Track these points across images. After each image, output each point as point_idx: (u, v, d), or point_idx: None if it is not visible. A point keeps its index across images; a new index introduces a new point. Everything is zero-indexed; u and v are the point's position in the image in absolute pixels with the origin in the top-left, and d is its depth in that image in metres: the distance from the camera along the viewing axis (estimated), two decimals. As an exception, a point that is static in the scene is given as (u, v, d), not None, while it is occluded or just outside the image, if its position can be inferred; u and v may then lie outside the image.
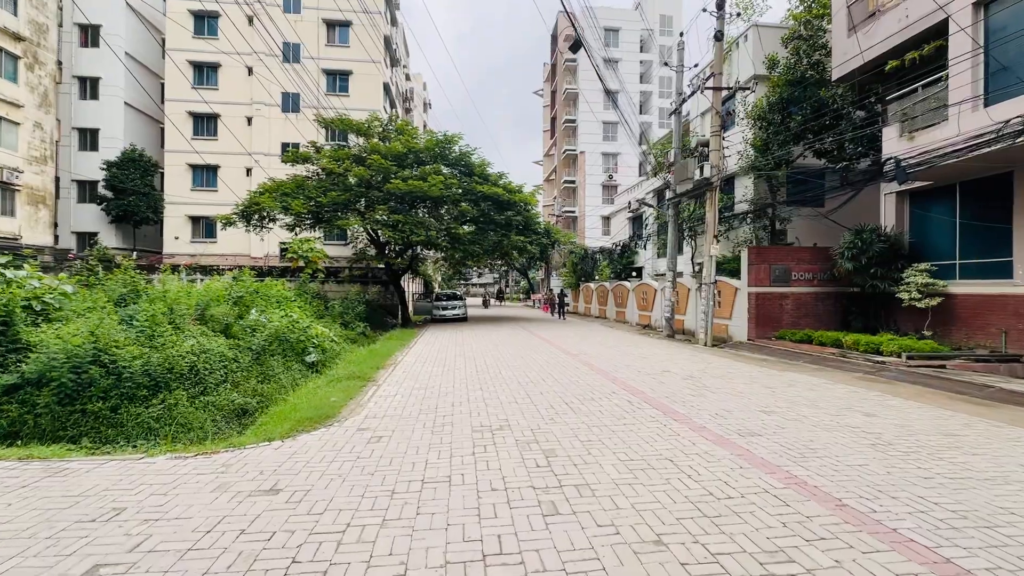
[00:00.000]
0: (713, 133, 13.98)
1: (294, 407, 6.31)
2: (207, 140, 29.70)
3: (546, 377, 8.26)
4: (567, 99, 48.97)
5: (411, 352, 11.95)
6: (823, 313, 14.24)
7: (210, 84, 29.79)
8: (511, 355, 11.18)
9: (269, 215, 20.97)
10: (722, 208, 16.93)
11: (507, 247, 22.21)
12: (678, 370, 9.03)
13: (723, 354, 12.04)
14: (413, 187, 18.53)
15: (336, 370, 9.22)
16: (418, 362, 10.20)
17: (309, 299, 16.08)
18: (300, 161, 21.09)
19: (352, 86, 30.39)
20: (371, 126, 21.42)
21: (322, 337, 11.91)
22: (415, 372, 8.94)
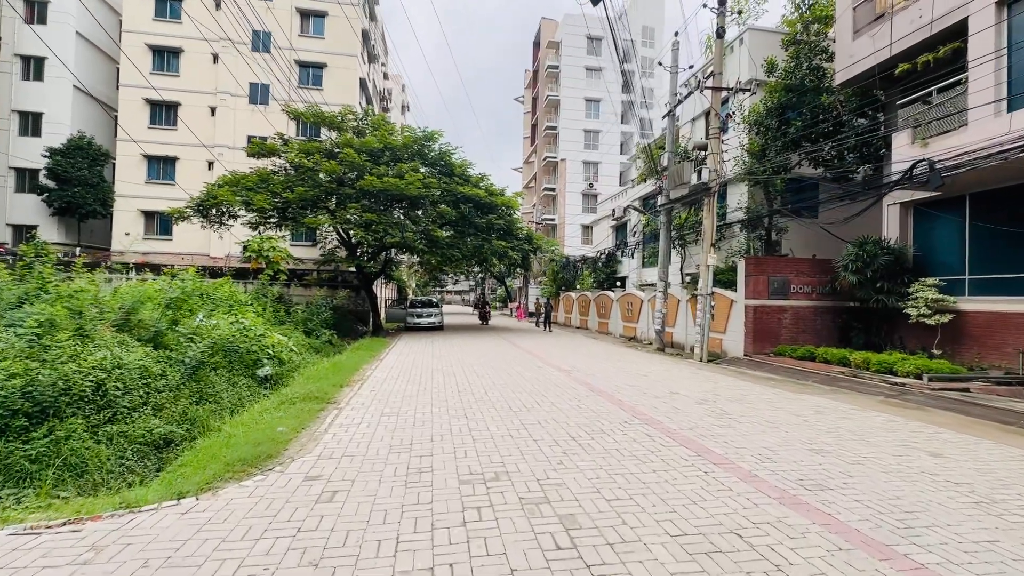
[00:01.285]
0: (712, 136, 13.20)
1: (228, 441, 4.93)
2: (165, 130, 27.58)
3: (541, 400, 7.07)
4: (548, 105, 48.39)
5: (382, 365, 10.59)
6: (822, 328, 13.54)
7: (171, 70, 27.75)
8: (496, 370, 9.95)
9: (229, 211, 19.23)
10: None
11: (487, 252, 21.02)
12: (687, 392, 7.98)
13: (724, 371, 11.10)
14: (389, 185, 17.19)
15: (292, 387, 7.81)
16: (389, 378, 8.86)
17: (268, 303, 14.49)
18: (266, 154, 19.45)
19: (327, 80, 28.82)
20: (344, 119, 20.00)
21: (279, 347, 10.46)
22: (385, 392, 7.62)
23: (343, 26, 29.16)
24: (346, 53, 29.06)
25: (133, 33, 27.00)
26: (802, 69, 13.95)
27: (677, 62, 15.50)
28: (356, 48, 29.61)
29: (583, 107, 46.88)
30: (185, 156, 27.33)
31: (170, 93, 27.48)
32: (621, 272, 25.59)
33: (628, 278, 24.84)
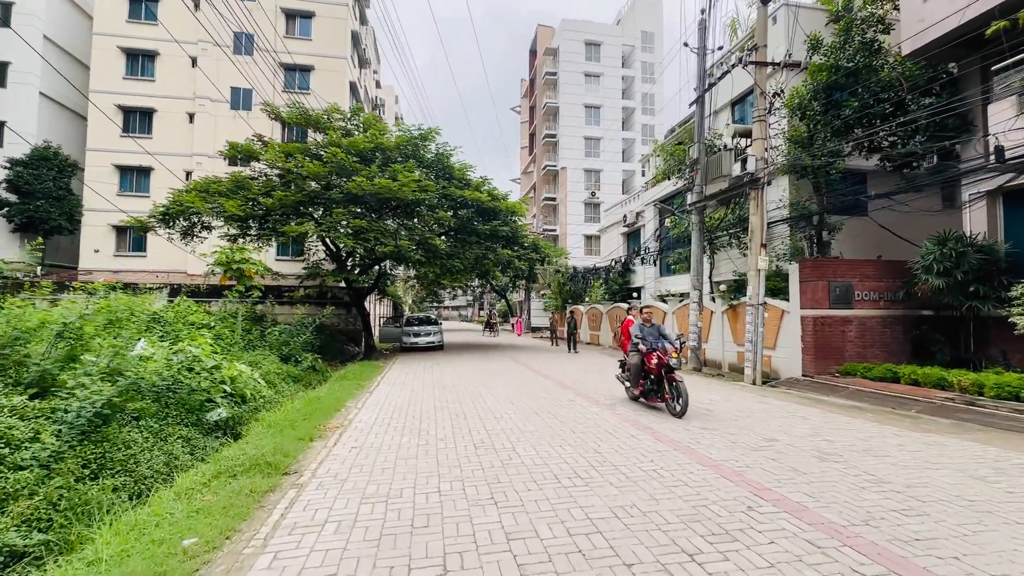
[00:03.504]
0: (757, 118, 11.29)
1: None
2: (140, 138, 25.55)
3: (596, 459, 4.91)
4: (547, 113, 46.88)
5: (371, 401, 8.40)
6: (892, 342, 11.50)
7: (146, 75, 25.87)
8: (516, 406, 7.78)
9: (201, 221, 17.14)
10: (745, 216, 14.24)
11: (490, 263, 18.96)
12: (784, 436, 5.85)
13: (794, 399, 8.99)
14: (380, 188, 15.16)
15: (242, 444, 5.64)
16: (378, 423, 6.68)
17: (238, 325, 12.30)
18: (244, 157, 17.45)
19: (315, 83, 26.99)
20: (331, 118, 18.05)
21: (241, 381, 8.27)
22: (371, 450, 5.45)
23: (331, 27, 27.52)
24: (334, 55, 27.34)
25: (105, 36, 25.16)
26: (853, 44, 12.12)
27: (705, 42, 13.67)
28: (345, 50, 27.90)
29: (582, 114, 45.35)
30: (161, 166, 25.26)
31: (145, 99, 25.61)
32: (635, 282, 23.55)
33: (644, 288, 22.78)
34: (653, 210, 21.48)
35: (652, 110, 47.12)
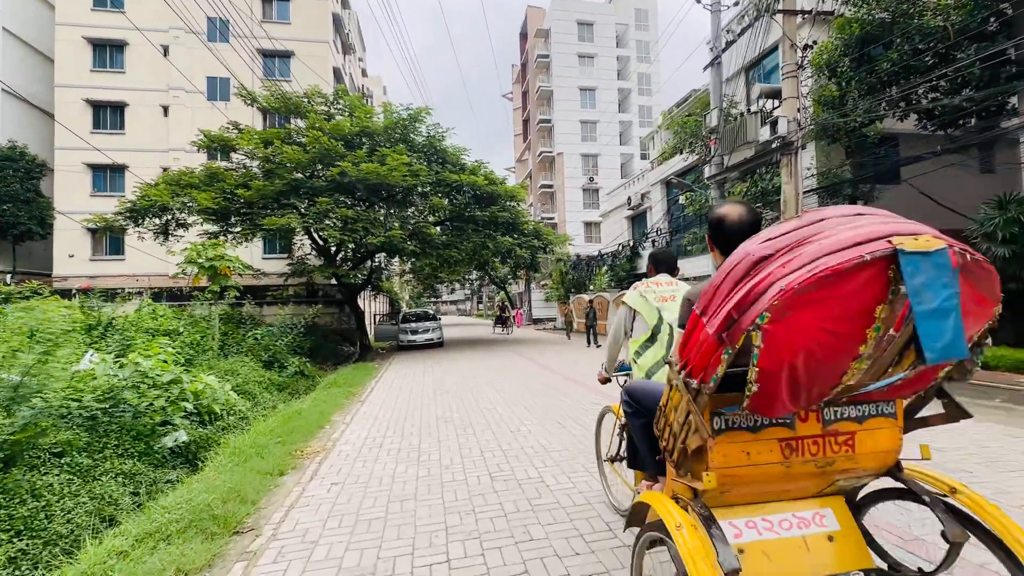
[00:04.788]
0: (788, 75, 10.01)
1: None
2: (112, 134, 24.13)
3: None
4: (540, 97, 45.38)
5: (361, 413, 7.17)
6: (943, 320, 10.31)
7: (115, 67, 24.35)
8: (540, 418, 6.57)
9: (176, 217, 15.81)
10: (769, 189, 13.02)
11: (489, 253, 17.70)
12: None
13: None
14: (368, 173, 13.85)
15: (190, 486, 4.41)
16: (368, 446, 5.45)
17: (213, 328, 11.03)
18: (220, 147, 16.10)
19: (296, 70, 25.46)
20: (312, 101, 16.67)
21: (208, 395, 7.04)
22: (356, 486, 4.23)
23: (311, 9, 25.99)
24: (316, 39, 25.84)
25: (69, 26, 23.59)
26: (890, -12, 10.81)
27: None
28: (327, 34, 26.39)
29: (577, 97, 43.87)
30: (136, 163, 23.80)
31: (115, 92, 24.12)
32: (642, 268, 22.33)
33: (652, 274, 21.57)
34: (661, 189, 20.21)
35: (649, 91, 45.65)
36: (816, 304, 1.19)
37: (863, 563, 1.60)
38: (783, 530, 1.61)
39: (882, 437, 1.60)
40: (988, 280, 1.28)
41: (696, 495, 1.58)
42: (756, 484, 1.59)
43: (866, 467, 1.62)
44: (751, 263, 1.30)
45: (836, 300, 1.19)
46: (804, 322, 1.21)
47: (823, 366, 1.30)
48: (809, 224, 1.32)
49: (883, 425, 1.60)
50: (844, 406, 1.58)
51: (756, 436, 1.53)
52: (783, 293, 1.16)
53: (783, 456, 1.54)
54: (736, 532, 1.57)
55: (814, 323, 1.22)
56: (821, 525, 1.63)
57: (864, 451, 1.59)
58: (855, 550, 1.62)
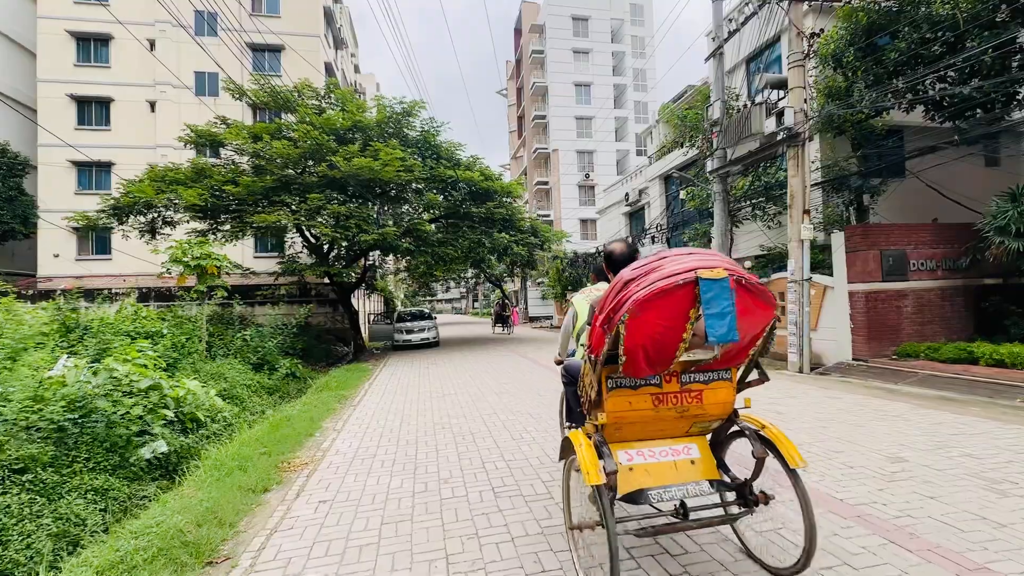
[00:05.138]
0: (794, 64, 9.69)
1: None
2: (97, 131, 23.54)
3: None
4: (535, 93, 44.96)
5: (352, 421, 6.79)
6: (952, 316, 10.09)
7: (100, 61, 23.73)
8: (546, 425, 6.22)
9: (162, 215, 15.33)
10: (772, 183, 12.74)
11: (486, 250, 17.31)
12: (907, 451, 4.34)
13: (862, 389, 7.52)
14: (360, 169, 13.43)
15: (164, 505, 4.03)
16: (360, 457, 5.09)
17: (200, 329, 10.60)
18: (209, 143, 15.62)
19: (286, 65, 24.96)
20: (303, 95, 16.20)
21: (190, 401, 6.65)
22: (346, 505, 3.88)
23: (302, 2, 25.48)
24: (307, 34, 25.32)
25: (51, 19, 22.95)
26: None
27: (722, -14, 12.00)
28: (318, 28, 25.87)
29: (572, 92, 43.52)
30: (122, 160, 23.25)
31: (100, 88, 23.52)
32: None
33: (651, 271, 21.27)
34: (659, 185, 19.90)
35: (644, 86, 45.35)
36: (655, 309, 2.00)
37: (711, 476, 2.50)
38: (661, 456, 2.50)
39: (721, 393, 2.48)
40: (763, 294, 2.11)
41: (598, 430, 2.41)
42: (637, 424, 2.46)
43: (711, 414, 2.50)
44: (622, 283, 2.11)
45: (666, 306, 2.01)
46: (649, 319, 2.04)
47: (663, 346, 2.15)
48: (656, 259, 2.15)
49: (722, 386, 2.49)
50: (695, 373, 2.44)
51: (635, 392, 2.39)
52: (636, 302, 1.97)
53: (653, 405, 2.41)
54: (629, 457, 2.45)
55: (655, 320, 2.05)
56: (687, 454, 2.54)
57: (709, 402, 2.47)
58: (708, 468, 2.53)
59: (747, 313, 2.11)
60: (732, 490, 2.50)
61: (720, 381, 2.49)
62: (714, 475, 2.52)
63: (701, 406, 2.47)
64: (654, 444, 2.55)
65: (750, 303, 2.12)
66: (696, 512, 2.55)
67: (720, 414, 2.53)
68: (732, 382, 2.52)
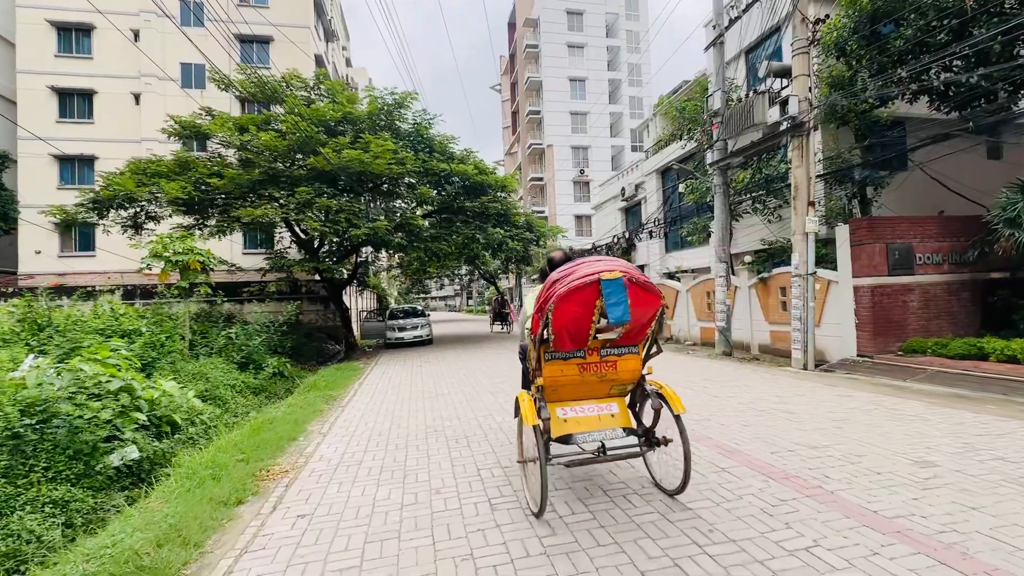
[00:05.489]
0: (798, 51, 9.38)
1: None
2: (80, 124, 22.89)
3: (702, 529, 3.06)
4: (530, 88, 44.54)
5: (340, 423, 6.41)
6: (959, 311, 9.86)
7: (82, 52, 23.04)
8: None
9: (145, 209, 14.83)
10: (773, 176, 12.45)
11: (480, 245, 16.93)
12: (935, 455, 4.04)
13: (871, 386, 7.24)
14: (350, 161, 13.01)
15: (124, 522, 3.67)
16: (345, 464, 4.72)
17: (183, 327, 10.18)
18: (195, 136, 15.12)
19: (275, 56, 24.36)
20: (291, 84, 15.72)
21: (166, 403, 6.26)
22: (327, 521, 3.52)
23: (290, -8, 24.84)
24: (296, 24, 24.72)
25: (30, 8, 22.23)
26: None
27: (722, -28, 11.67)
28: (308, 19, 25.31)
29: (567, 87, 43.13)
30: (106, 154, 22.59)
31: (83, 79, 22.86)
32: (638, 260, 21.73)
33: (647, 267, 21.00)
34: (656, 179, 19.59)
35: (639, 81, 45.03)
36: (572, 300, 2.93)
37: (626, 424, 3.36)
38: (588, 411, 3.35)
39: (631, 363, 3.39)
40: (651, 288, 3.04)
41: (539, 391, 3.23)
42: (568, 387, 3.33)
43: (624, 379, 3.40)
44: (551, 283, 3.04)
45: (580, 299, 2.93)
46: (569, 308, 2.96)
47: (579, 327, 3.08)
48: (574, 266, 3.06)
49: (631, 357, 3.39)
50: (610, 348, 3.32)
51: (566, 362, 3.27)
52: (559, 296, 2.91)
53: (579, 372, 3.29)
54: (564, 412, 3.31)
55: (573, 309, 2.97)
56: (609, 410, 3.39)
57: (622, 370, 3.37)
58: (624, 420, 3.39)
59: (639, 303, 3.02)
60: (641, 435, 3.44)
61: (629, 354, 3.43)
62: (628, 424, 3.42)
63: (616, 373, 3.40)
64: (584, 403, 3.44)
65: (641, 295, 3.03)
66: (613, 451, 3.39)
67: (631, 379, 3.48)
68: (639, 355, 3.48)
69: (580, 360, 3.29)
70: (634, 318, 3.02)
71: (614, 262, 3.09)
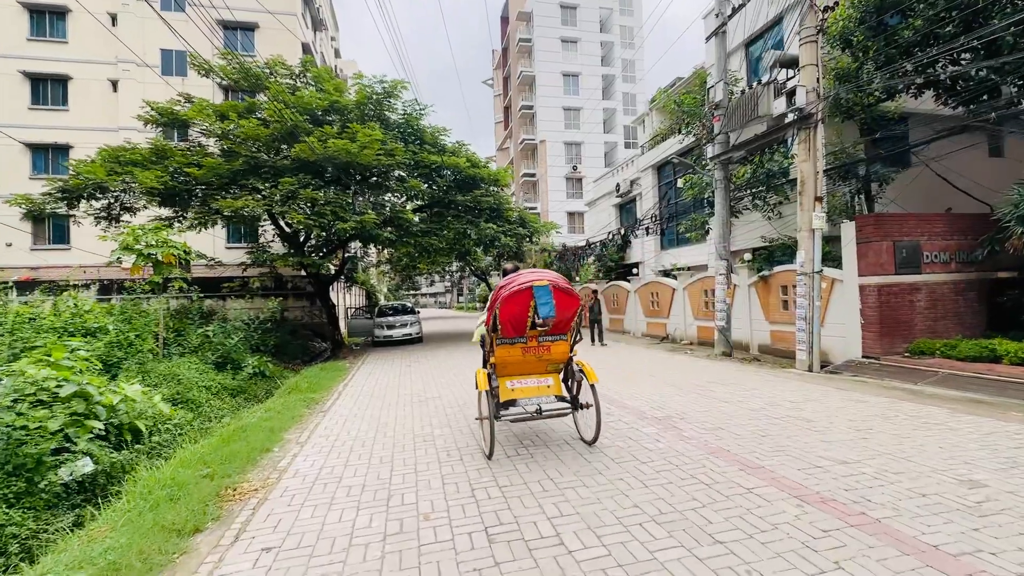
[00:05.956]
0: (806, 40, 8.99)
1: None
2: (53, 111, 21.90)
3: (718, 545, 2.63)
4: (522, 83, 43.93)
5: (320, 431, 5.89)
6: (965, 311, 9.58)
7: (56, 36, 22.03)
8: (546, 440, 5.42)
9: (120, 200, 14.10)
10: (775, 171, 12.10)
11: (470, 242, 16.41)
12: (981, 473, 3.65)
13: (886, 391, 6.88)
14: (337, 151, 12.42)
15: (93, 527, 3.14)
16: (323, 481, 4.22)
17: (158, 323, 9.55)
18: (169, 122, 14.39)
19: (260, 44, 23.54)
20: (275, 71, 15.04)
21: (122, 409, 5.70)
22: (299, 548, 3.04)
23: (276, -22, 23.97)
24: (282, 11, 23.86)
25: (0, -11, 21.16)
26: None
27: (725, -42, 11.25)
28: (295, 6, 24.49)
29: (560, 83, 42.60)
30: (81, 143, 21.64)
31: (57, 64, 21.85)
32: (632, 258, 21.38)
33: (642, 264, 20.64)
34: (652, 175, 19.21)
35: (633, 78, 44.65)
36: (513, 302, 4.27)
37: (558, 393, 4.61)
38: (530, 383, 4.61)
39: (561, 347, 4.67)
40: (571, 293, 4.37)
41: (492, 367, 4.56)
42: (514, 364, 4.61)
43: (556, 359, 4.72)
44: (500, 287, 4.39)
45: (518, 300, 4.26)
46: (511, 307, 4.30)
47: (519, 320, 4.39)
48: (517, 275, 4.45)
49: (561, 343, 4.67)
50: (545, 336, 4.59)
51: (512, 346, 4.54)
52: (503, 298, 4.25)
53: (522, 353, 4.57)
54: (511, 384, 4.57)
55: (514, 308, 4.30)
56: (545, 382, 4.65)
57: (554, 352, 4.66)
58: (557, 389, 4.65)
59: (562, 304, 4.27)
60: (568, 401, 4.65)
61: (559, 341, 4.65)
62: (560, 393, 4.64)
63: (550, 354, 4.64)
64: (526, 377, 4.67)
65: (564, 298, 4.28)
66: (548, 412, 4.50)
67: (561, 359, 4.75)
68: (567, 342, 4.69)
69: (523, 345, 4.54)
70: (558, 314, 4.34)
71: (544, 273, 4.38)
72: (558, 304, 4.21)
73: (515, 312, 4.29)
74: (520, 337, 4.49)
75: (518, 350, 4.52)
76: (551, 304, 4.17)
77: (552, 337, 4.57)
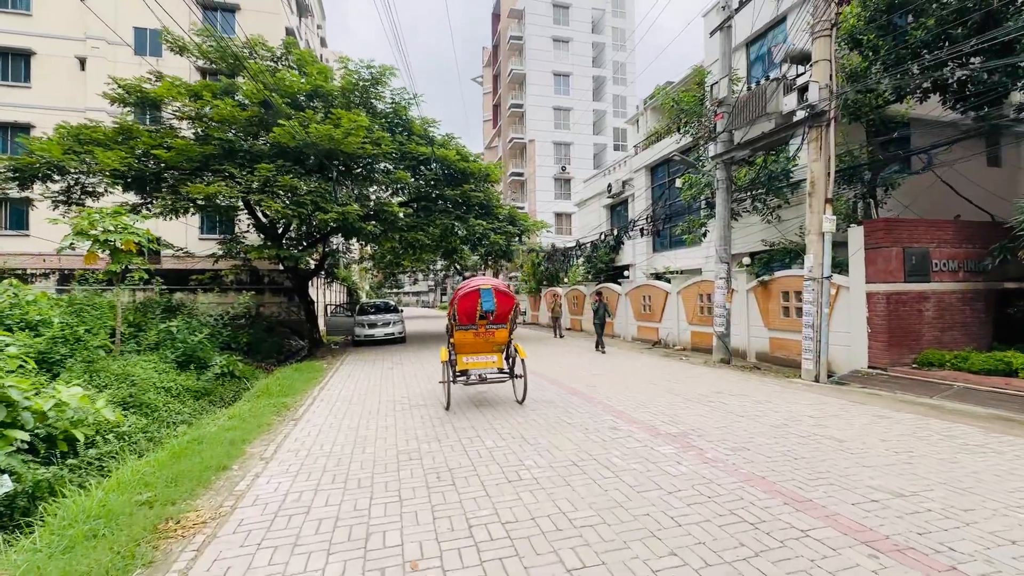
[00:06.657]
0: (819, 34, 8.56)
1: None
2: (14, 87, 20.51)
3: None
4: (512, 81, 43.36)
5: (287, 446, 5.16)
6: (973, 322, 9.27)
7: (18, 7, 20.65)
8: (546, 454, 4.80)
9: (80, 182, 13.04)
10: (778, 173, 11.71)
11: (459, 239, 15.72)
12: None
13: (907, 406, 6.44)
14: (319, 137, 11.62)
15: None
16: (291, 503, 3.54)
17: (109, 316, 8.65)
18: (138, 100, 13.36)
19: (241, 26, 22.43)
20: (255, 52, 14.14)
21: (52, 416, 4.91)
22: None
23: (259, -42, 22.95)
24: (266, -7, 22.86)
25: (-42, -46, 19.73)
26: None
27: (733, -50, 10.81)
28: (279, -12, 23.45)
29: (551, 82, 42.15)
30: (45, 122, 20.26)
31: (19, 38, 20.48)
32: (623, 260, 20.92)
33: (633, 267, 20.21)
34: (646, 176, 18.78)
35: (624, 80, 44.45)
36: (467, 299, 6.61)
37: (500, 367, 6.93)
38: (480, 359, 6.86)
39: (503, 333, 6.90)
40: (508, 293, 6.76)
41: (452, 347, 6.83)
42: (468, 344, 6.82)
43: (499, 341, 6.93)
44: (458, 289, 6.82)
45: (470, 298, 6.60)
46: (464, 303, 6.63)
47: (471, 312, 6.70)
48: (470, 280, 6.86)
49: (502, 329, 6.89)
50: (491, 324, 6.82)
51: (467, 331, 6.77)
52: (459, 297, 6.62)
53: (474, 336, 6.79)
54: (467, 359, 6.82)
55: (467, 303, 6.63)
56: (491, 359, 6.91)
57: (497, 336, 6.88)
58: (499, 364, 6.95)
59: (501, 301, 6.59)
60: (506, 372, 6.81)
61: (501, 328, 6.75)
62: (502, 367, 6.82)
63: (495, 338, 6.76)
64: (477, 355, 6.76)
65: (503, 297, 6.60)
66: (492, 379, 6.70)
67: (503, 342, 6.85)
68: (506, 328, 6.79)
69: (475, 330, 6.58)
70: (498, 308, 6.55)
71: (489, 280, 6.61)
72: (498, 301, 6.47)
73: (467, 306, 6.48)
74: (472, 324, 6.61)
75: (471, 334, 6.63)
76: (493, 301, 6.43)
77: (496, 325, 6.65)
